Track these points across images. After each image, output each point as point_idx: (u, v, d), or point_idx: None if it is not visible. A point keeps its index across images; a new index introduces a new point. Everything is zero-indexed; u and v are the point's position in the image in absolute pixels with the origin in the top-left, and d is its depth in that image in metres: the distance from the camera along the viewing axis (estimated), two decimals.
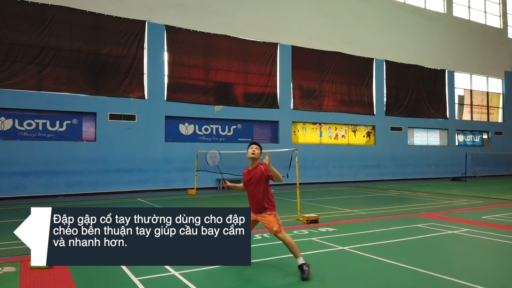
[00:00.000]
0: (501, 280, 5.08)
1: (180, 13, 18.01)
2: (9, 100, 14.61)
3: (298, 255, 5.18)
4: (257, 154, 5.47)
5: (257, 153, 5.45)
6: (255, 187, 5.36)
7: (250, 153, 5.42)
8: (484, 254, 6.43)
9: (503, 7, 30.22)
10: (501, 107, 29.84)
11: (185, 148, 17.61)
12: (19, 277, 5.10)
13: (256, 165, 5.44)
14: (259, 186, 5.34)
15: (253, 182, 5.38)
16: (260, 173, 5.35)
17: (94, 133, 16.17)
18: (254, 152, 5.42)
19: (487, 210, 11.16)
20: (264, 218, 5.38)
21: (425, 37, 25.62)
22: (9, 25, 14.77)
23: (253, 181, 5.38)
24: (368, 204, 12.76)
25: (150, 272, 5.25)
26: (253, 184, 5.38)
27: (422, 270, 5.31)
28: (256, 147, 5.50)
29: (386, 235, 7.80)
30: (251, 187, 5.40)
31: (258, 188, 5.35)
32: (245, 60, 19.63)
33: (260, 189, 5.34)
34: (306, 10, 21.34)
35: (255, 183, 5.36)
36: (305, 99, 21.31)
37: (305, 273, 5.00)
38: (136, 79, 17.01)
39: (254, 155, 5.42)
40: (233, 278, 5.12)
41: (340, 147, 22.15)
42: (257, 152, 5.47)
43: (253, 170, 5.43)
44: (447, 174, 25.69)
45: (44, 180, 14.94)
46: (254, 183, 5.37)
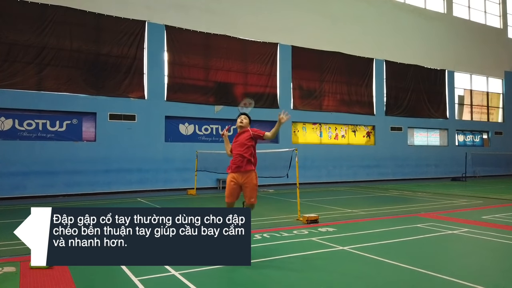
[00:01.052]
0: (501, 280, 5.08)
1: (180, 13, 18.02)
2: (9, 100, 14.61)
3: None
4: (245, 123, 6.19)
5: (245, 123, 6.19)
6: (242, 147, 6.02)
7: (239, 123, 6.17)
8: (484, 254, 6.43)
9: (503, 7, 30.22)
10: (501, 107, 29.85)
11: (185, 148, 17.62)
12: (19, 277, 5.10)
13: (244, 130, 6.16)
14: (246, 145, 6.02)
15: (241, 142, 6.06)
16: (248, 134, 6.10)
17: (94, 133, 16.17)
18: (242, 121, 6.17)
19: (487, 210, 11.16)
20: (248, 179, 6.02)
21: (425, 37, 25.62)
22: (9, 25, 14.77)
23: (240, 141, 6.07)
24: (368, 204, 12.76)
25: (150, 272, 5.25)
26: (240, 144, 6.05)
27: (422, 270, 5.31)
28: (245, 117, 6.23)
29: (386, 235, 7.80)
30: (238, 147, 6.06)
31: (244, 147, 6.02)
32: (245, 60, 19.63)
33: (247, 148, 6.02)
34: (306, 10, 21.34)
35: (242, 144, 6.03)
36: (305, 99, 21.31)
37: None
38: (136, 79, 17.01)
39: (242, 124, 6.16)
40: (233, 278, 5.12)
41: (340, 147, 22.16)
42: (245, 121, 6.20)
43: (242, 133, 6.16)
44: (447, 174, 25.69)
45: (44, 180, 14.95)
46: (241, 144, 6.04)
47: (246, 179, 6.02)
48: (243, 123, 6.15)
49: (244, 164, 5.98)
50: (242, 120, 6.16)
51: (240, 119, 6.18)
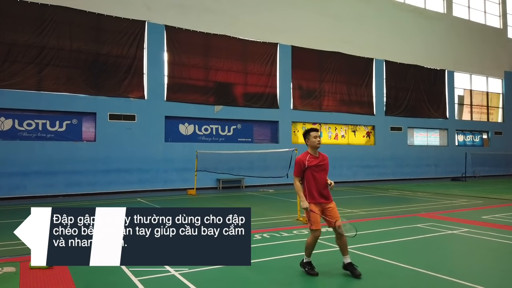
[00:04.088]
0: (501, 280, 5.08)
1: (180, 13, 18.01)
2: (9, 100, 14.61)
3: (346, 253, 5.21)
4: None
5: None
6: (323, 173, 5.27)
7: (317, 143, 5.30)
8: (484, 254, 6.43)
9: (503, 7, 30.22)
10: (501, 107, 29.85)
11: (185, 148, 17.62)
12: (19, 277, 5.10)
13: (319, 153, 5.37)
14: (325, 173, 5.31)
15: (323, 168, 5.29)
16: (327, 160, 5.40)
17: (94, 133, 16.16)
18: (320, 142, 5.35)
19: (487, 210, 11.16)
20: (332, 206, 5.23)
21: (425, 37, 25.62)
22: (9, 25, 14.77)
23: (323, 167, 5.29)
24: (368, 204, 12.76)
25: (150, 272, 5.25)
26: (323, 170, 5.29)
27: (422, 270, 5.31)
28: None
29: (386, 235, 7.80)
30: (321, 173, 5.25)
31: (324, 174, 5.30)
32: (245, 60, 19.63)
33: (325, 176, 5.31)
34: (306, 10, 21.34)
35: (324, 169, 5.29)
36: (305, 99, 21.30)
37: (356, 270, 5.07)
38: (136, 79, 17.01)
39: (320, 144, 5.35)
40: (233, 278, 5.11)
41: (340, 147, 22.15)
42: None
43: (321, 156, 5.36)
44: (447, 174, 25.69)
45: (44, 180, 14.94)
46: (323, 169, 5.28)
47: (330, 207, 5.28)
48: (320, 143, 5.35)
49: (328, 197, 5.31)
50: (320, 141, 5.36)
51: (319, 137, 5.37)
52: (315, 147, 5.29)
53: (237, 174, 16.87)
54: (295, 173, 5.29)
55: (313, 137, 5.29)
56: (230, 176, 17.32)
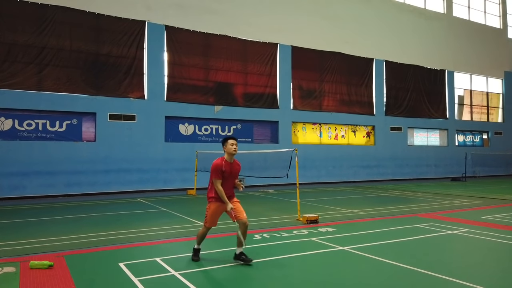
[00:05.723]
0: (501, 280, 5.08)
1: (180, 13, 18.02)
2: (9, 100, 14.61)
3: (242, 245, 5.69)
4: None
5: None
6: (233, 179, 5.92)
7: (233, 150, 5.79)
8: (484, 254, 6.43)
9: (503, 7, 30.24)
10: (501, 107, 29.86)
11: (185, 148, 17.62)
12: (19, 277, 5.10)
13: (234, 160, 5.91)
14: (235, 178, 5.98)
15: (234, 175, 5.91)
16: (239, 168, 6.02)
17: (94, 133, 16.16)
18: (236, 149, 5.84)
19: (487, 210, 11.16)
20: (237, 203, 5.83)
21: (425, 37, 25.63)
22: (9, 25, 14.77)
23: (234, 174, 5.90)
24: (368, 204, 12.76)
25: (150, 272, 5.25)
26: (234, 176, 5.91)
27: (422, 270, 5.31)
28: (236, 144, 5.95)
29: (386, 235, 7.80)
30: (232, 179, 5.89)
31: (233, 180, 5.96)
32: (245, 60, 19.63)
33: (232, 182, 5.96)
34: (306, 10, 21.35)
35: (234, 176, 5.93)
36: (305, 99, 21.31)
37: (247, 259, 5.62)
38: (136, 79, 17.01)
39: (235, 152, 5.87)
40: (233, 278, 5.11)
41: (340, 147, 22.15)
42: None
43: (235, 164, 5.91)
44: (447, 174, 25.70)
45: (44, 180, 14.94)
46: (234, 176, 5.91)
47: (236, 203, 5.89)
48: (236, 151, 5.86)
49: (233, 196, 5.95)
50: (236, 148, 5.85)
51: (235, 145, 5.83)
52: (232, 154, 5.82)
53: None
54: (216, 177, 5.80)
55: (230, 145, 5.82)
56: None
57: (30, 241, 7.28)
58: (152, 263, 5.73)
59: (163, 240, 7.48)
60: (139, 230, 8.40)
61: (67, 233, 8.01)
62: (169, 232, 8.19)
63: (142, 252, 6.55)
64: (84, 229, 8.44)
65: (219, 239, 7.49)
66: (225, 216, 6.16)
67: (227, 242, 7.05)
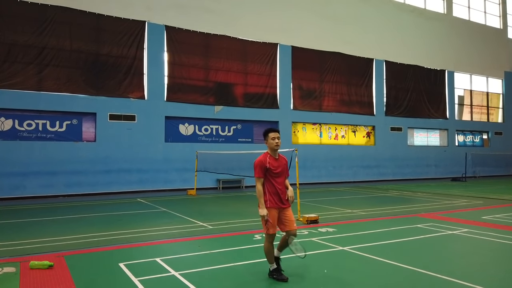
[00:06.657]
0: (501, 280, 5.08)
1: (180, 14, 18.02)
2: (9, 100, 14.61)
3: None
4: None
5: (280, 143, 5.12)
6: (282, 177, 5.00)
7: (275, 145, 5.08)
8: (484, 254, 6.43)
9: (503, 7, 30.24)
10: (501, 107, 29.85)
11: (185, 149, 17.62)
12: (19, 277, 5.10)
13: (279, 154, 5.13)
14: (284, 175, 5.07)
15: (283, 170, 5.02)
16: (286, 161, 5.17)
17: (94, 133, 16.16)
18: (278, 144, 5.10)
19: (487, 211, 11.16)
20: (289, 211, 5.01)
21: (425, 37, 25.63)
22: (9, 25, 14.77)
23: (283, 170, 5.02)
24: (368, 204, 12.76)
25: (150, 272, 5.25)
26: (283, 172, 5.03)
27: (422, 270, 5.31)
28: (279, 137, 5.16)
29: (386, 235, 7.80)
30: (283, 176, 5.03)
31: (283, 178, 5.04)
32: (245, 60, 19.63)
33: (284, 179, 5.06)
34: (306, 10, 21.35)
35: (283, 172, 5.03)
36: (305, 99, 21.31)
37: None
38: (136, 79, 17.01)
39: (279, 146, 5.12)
40: (233, 278, 5.11)
41: (340, 148, 22.15)
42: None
43: (280, 159, 5.10)
44: (447, 174, 25.69)
45: (44, 181, 14.94)
46: (283, 172, 5.03)
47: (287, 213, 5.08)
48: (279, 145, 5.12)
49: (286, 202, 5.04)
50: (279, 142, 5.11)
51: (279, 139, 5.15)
52: (275, 148, 5.09)
53: (237, 175, 16.85)
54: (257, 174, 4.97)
55: (271, 139, 5.09)
56: (230, 176, 17.32)
57: (30, 241, 7.28)
58: (152, 263, 5.73)
59: (163, 240, 7.47)
60: (139, 230, 8.40)
61: (67, 233, 8.01)
62: (169, 232, 8.19)
63: (142, 252, 6.55)
64: (84, 229, 8.44)
65: (219, 239, 7.49)
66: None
67: (227, 242, 7.04)
